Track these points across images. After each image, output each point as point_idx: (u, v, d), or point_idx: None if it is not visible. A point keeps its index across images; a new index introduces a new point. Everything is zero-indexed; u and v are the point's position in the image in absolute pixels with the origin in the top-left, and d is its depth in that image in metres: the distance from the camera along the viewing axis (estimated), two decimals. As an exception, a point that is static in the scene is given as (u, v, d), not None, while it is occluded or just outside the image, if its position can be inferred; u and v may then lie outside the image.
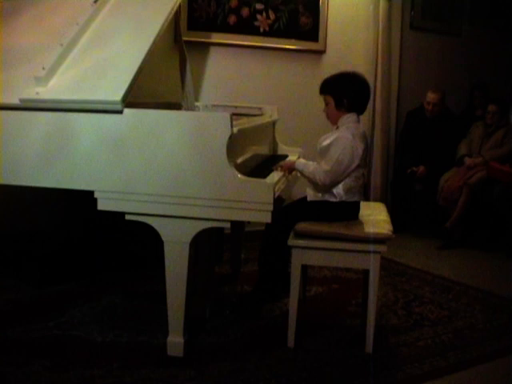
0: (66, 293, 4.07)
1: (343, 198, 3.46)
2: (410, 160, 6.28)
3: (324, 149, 3.48)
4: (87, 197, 3.09)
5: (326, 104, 3.59)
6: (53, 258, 4.33)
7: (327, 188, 3.44)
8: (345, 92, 3.52)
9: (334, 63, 6.00)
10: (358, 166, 3.46)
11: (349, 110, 3.52)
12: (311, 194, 3.54)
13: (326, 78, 3.62)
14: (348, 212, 3.52)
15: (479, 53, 7.21)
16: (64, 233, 4.41)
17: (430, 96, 6.28)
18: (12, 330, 3.43)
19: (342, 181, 3.43)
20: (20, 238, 4.33)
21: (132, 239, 4.31)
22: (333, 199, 3.46)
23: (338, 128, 3.54)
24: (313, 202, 3.53)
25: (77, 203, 3.64)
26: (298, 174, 3.65)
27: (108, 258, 4.50)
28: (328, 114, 3.60)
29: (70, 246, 4.40)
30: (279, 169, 3.64)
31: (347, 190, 3.46)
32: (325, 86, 3.61)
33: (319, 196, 3.51)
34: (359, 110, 3.57)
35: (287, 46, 5.85)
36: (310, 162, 3.54)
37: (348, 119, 3.52)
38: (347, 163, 3.39)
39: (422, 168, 6.15)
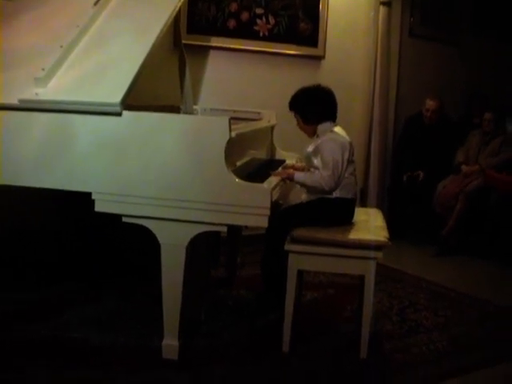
0: (64, 295, 4.06)
1: (338, 195, 3.54)
2: (407, 166, 6.29)
3: (310, 154, 3.61)
4: (86, 199, 3.09)
5: (297, 120, 3.72)
6: (51, 260, 4.32)
7: (334, 189, 3.51)
8: (307, 108, 3.65)
9: (332, 69, 6.03)
10: (349, 161, 3.55)
11: (319, 122, 3.62)
12: (306, 198, 3.61)
13: (292, 96, 3.73)
14: (344, 209, 3.58)
15: (478, 61, 7.22)
16: (63, 234, 4.40)
17: (429, 103, 6.29)
18: (10, 331, 3.42)
19: (343, 178, 3.51)
20: (18, 240, 4.31)
21: (131, 243, 4.30)
22: (328, 196, 3.52)
23: (317, 137, 3.64)
24: (309, 202, 3.60)
25: (77, 205, 3.63)
26: (298, 186, 3.68)
27: (105, 260, 4.49)
28: (301, 129, 3.73)
29: (68, 247, 4.39)
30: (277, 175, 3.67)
31: (342, 187, 3.54)
32: (291, 104, 3.73)
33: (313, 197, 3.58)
34: (330, 118, 3.66)
35: (286, 51, 5.85)
36: (308, 173, 3.59)
37: (324, 127, 3.63)
38: (342, 159, 3.49)
39: (422, 174, 6.15)
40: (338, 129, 3.63)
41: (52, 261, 4.31)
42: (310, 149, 3.62)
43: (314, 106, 3.64)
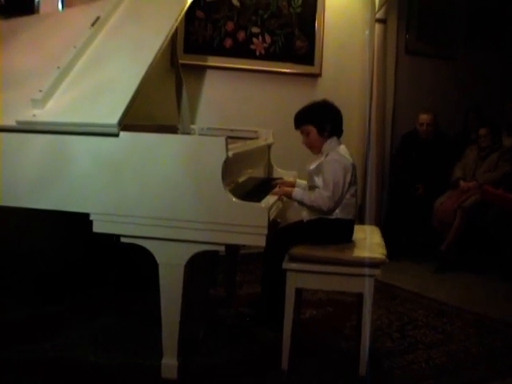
0: (61, 313, 4.05)
1: (339, 216, 3.52)
2: (405, 183, 6.28)
3: (312, 172, 3.61)
4: (84, 218, 3.09)
5: (307, 135, 3.67)
6: (49, 279, 4.32)
7: (332, 211, 3.49)
8: (325, 118, 3.63)
9: (329, 87, 6.05)
10: (351, 183, 3.54)
11: (330, 135, 3.62)
12: (306, 216, 3.59)
13: (300, 111, 3.72)
14: (343, 230, 3.57)
15: (474, 76, 7.25)
16: (60, 253, 4.40)
17: (422, 117, 6.34)
18: (7, 350, 3.41)
19: (343, 199, 3.50)
20: (16, 259, 4.31)
21: (130, 260, 4.30)
22: (328, 216, 3.51)
23: (322, 154, 3.63)
24: (308, 222, 3.58)
25: (74, 224, 3.63)
26: (296, 204, 3.67)
27: (105, 279, 4.49)
28: (311, 143, 3.69)
29: (65, 266, 4.39)
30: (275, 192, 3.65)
31: (342, 208, 3.52)
32: (302, 117, 3.70)
33: (313, 216, 3.56)
34: (338, 132, 3.67)
35: (283, 70, 5.89)
36: (307, 191, 3.59)
37: (331, 144, 3.62)
38: (343, 181, 3.48)
39: (421, 186, 6.16)
40: (342, 148, 3.62)
41: (51, 273, 4.31)
42: (313, 166, 3.61)
43: (330, 117, 3.64)
